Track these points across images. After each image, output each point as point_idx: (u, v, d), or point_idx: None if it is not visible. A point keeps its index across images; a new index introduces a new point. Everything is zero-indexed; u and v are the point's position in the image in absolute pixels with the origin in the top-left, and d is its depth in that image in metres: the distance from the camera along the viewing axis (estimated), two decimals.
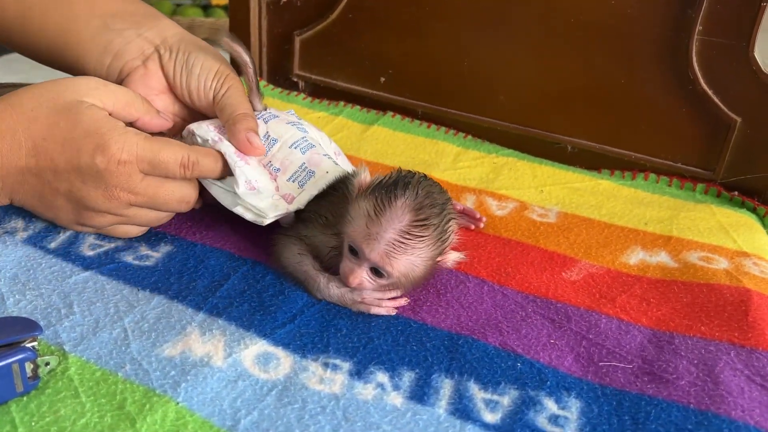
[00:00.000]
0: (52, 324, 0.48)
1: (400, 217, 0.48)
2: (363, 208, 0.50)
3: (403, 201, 0.48)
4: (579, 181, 0.77)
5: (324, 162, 0.58)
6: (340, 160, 0.65)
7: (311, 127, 0.64)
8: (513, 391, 0.45)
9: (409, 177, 0.50)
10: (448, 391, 0.45)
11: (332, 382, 0.45)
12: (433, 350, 0.49)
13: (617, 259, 0.63)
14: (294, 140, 0.59)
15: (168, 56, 0.60)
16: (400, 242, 0.48)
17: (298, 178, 0.57)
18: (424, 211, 0.48)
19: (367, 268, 0.51)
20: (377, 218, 0.49)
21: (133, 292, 0.52)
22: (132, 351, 0.46)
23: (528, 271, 0.60)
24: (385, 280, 0.51)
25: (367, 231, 0.49)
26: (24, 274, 0.53)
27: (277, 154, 0.58)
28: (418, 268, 0.50)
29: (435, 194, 0.50)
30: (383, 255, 0.49)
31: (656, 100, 0.76)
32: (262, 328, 0.49)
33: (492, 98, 0.84)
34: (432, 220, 0.49)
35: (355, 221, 0.50)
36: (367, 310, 0.52)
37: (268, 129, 0.60)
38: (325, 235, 0.55)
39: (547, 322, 0.53)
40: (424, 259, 0.50)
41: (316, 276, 0.54)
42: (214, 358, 0.46)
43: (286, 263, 0.55)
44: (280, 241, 0.56)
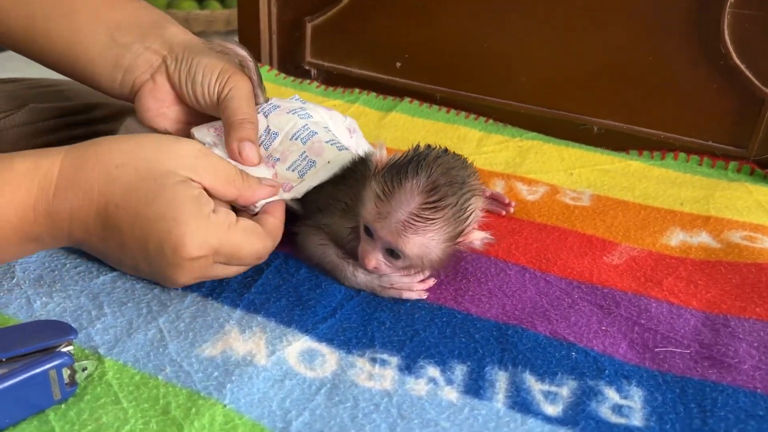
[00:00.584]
0: (83, 327, 0.45)
1: (408, 200, 0.46)
2: (373, 189, 0.48)
3: (412, 183, 0.46)
4: (608, 163, 0.75)
5: (326, 151, 0.55)
6: (355, 139, 0.63)
7: (318, 108, 0.61)
8: (571, 381, 0.44)
9: (424, 155, 0.48)
10: (503, 383, 0.43)
11: (382, 378, 0.43)
12: (483, 341, 0.47)
13: (658, 241, 0.61)
14: (295, 131, 0.57)
15: (174, 67, 0.59)
16: (411, 223, 0.46)
17: (299, 167, 0.55)
18: (437, 192, 0.46)
19: (382, 249, 0.49)
20: (386, 200, 0.47)
21: (164, 291, 0.50)
22: (170, 352, 0.44)
23: (568, 257, 0.58)
24: (402, 261, 0.49)
25: (377, 210, 0.47)
26: (49, 275, 0.50)
27: (278, 148, 0.57)
28: (433, 251, 0.48)
29: (454, 171, 0.47)
30: (394, 233, 0.47)
31: (684, 76, 0.74)
32: (303, 323, 0.47)
33: (513, 80, 0.82)
34: (447, 200, 0.46)
35: (366, 203, 0.48)
36: (398, 295, 0.50)
37: (269, 123, 0.58)
38: (346, 221, 0.53)
39: (595, 308, 0.51)
40: (438, 240, 0.47)
41: (342, 264, 0.52)
42: (257, 356, 0.44)
43: (310, 254, 0.54)
44: (302, 232, 0.55)
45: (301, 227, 0.55)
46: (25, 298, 0.48)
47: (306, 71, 0.95)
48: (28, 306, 0.47)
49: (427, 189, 0.46)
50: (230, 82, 0.58)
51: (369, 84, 0.90)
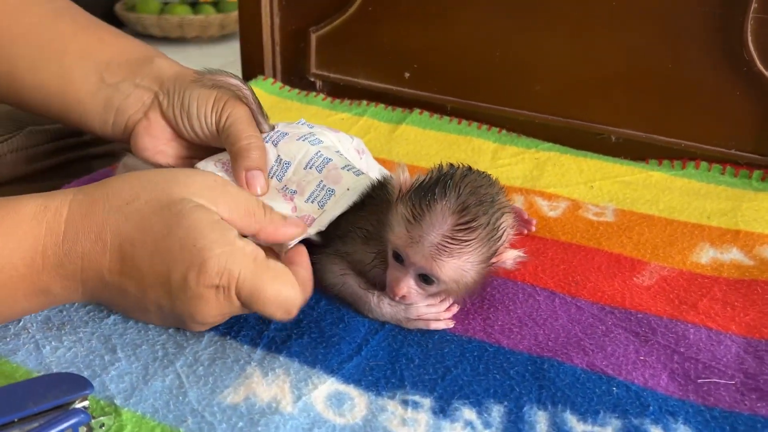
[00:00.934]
0: (97, 374, 0.43)
1: (441, 223, 0.44)
2: (401, 213, 0.46)
3: (443, 204, 0.44)
4: (629, 174, 0.73)
5: (344, 177, 0.53)
6: (365, 160, 0.61)
7: (325, 130, 0.59)
8: (614, 420, 0.41)
9: (449, 174, 0.46)
10: (544, 425, 0.41)
11: (416, 423, 0.41)
12: (518, 378, 0.44)
13: (687, 259, 0.58)
14: (308, 159, 0.55)
15: (166, 102, 0.57)
16: (445, 246, 0.44)
17: (317, 197, 0.53)
18: (468, 213, 0.44)
19: (414, 275, 0.47)
20: (417, 223, 0.44)
21: (179, 330, 0.47)
22: (191, 400, 0.41)
23: (597, 279, 0.55)
24: (435, 287, 0.47)
25: (408, 235, 0.45)
26: (57, 317, 0.48)
27: (293, 178, 0.54)
28: (469, 273, 0.46)
29: (482, 189, 0.45)
30: (428, 258, 0.45)
31: (706, 83, 0.72)
32: (328, 363, 0.45)
33: (527, 89, 0.80)
34: (479, 221, 0.44)
35: (395, 228, 0.46)
36: (426, 326, 0.48)
37: (279, 152, 0.55)
38: (368, 249, 0.50)
39: (631, 336, 0.49)
40: (474, 263, 0.45)
41: (365, 295, 0.49)
42: (283, 402, 0.41)
43: (330, 284, 0.51)
44: (320, 262, 0.52)
45: (320, 256, 0.52)
46: (33, 343, 0.45)
47: (311, 83, 0.93)
48: (37, 352, 0.44)
49: (458, 210, 0.44)
50: (227, 108, 0.55)
51: (377, 95, 0.88)
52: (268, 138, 0.57)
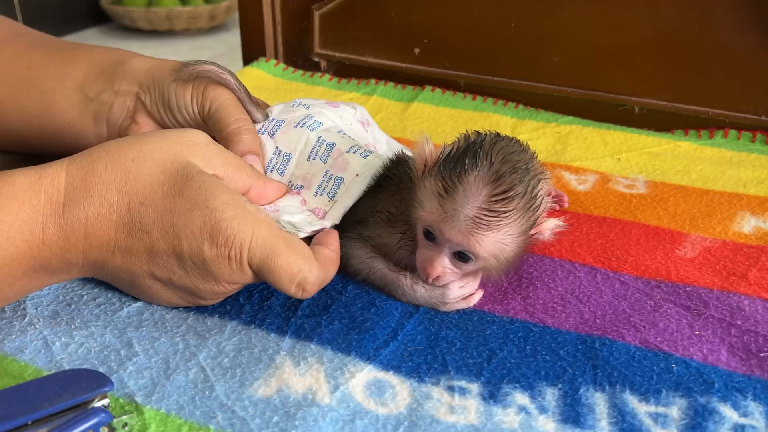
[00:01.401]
0: (113, 370, 0.39)
1: (475, 194, 0.40)
2: (431, 187, 0.42)
3: (476, 175, 0.40)
4: (656, 145, 0.69)
5: (351, 162, 0.49)
6: (371, 131, 0.57)
7: (324, 108, 0.54)
8: (679, 399, 0.38)
9: (479, 142, 0.42)
10: (603, 407, 0.38)
11: (465, 410, 0.37)
12: (569, 358, 0.41)
13: (729, 229, 0.55)
14: (310, 148, 0.50)
15: (149, 100, 0.55)
16: (482, 220, 0.40)
17: (326, 189, 0.49)
18: (503, 182, 0.40)
19: (448, 254, 0.43)
20: (450, 197, 0.41)
21: (199, 321, 0.44)
22: (219, 395, 0.38)
23: (638, 252, 0.52)
24: (473, 264, 0.43)
25: (441, 210, 0.41)
26: (65, 311, 0.44)
27: (296, 172, 0.50)
28: (509, 247, 0.42)
29: (515, 156, 0.42)
30: (465, 233, 0.41)
31: (734, 47, 0.68)
32: (364, 349, 0.41)
33: (545, 60, 0.76)
34: (516, 190, 0.40)
35: (425, 203, 0.42)
36: (466, 305, 0.45)
37: (277, 143, 0.51)
38: (393, 231, 0.47)
39: (682, 310, 0.46)
40: (514, 235, 0.42)
41: (397, 278, 0.46)
42: (319, 393, 0.38)
43: (357, 270, 0.48)
44: (342, 246, 0.48)
45: (342, 241, 0.49)
46: (41, 340, 0.41)
47: (315, 63, 0.89)
48: (47, 349, 0.41)
49: (492, 179, 0.40)
50: (207, 94, 0.52)
51: (386, 73, 0.84)
52: (264, 129, 0.52)
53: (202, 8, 2.30)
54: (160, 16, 2.25)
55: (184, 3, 2.34)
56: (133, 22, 2.27)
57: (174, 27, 2.29)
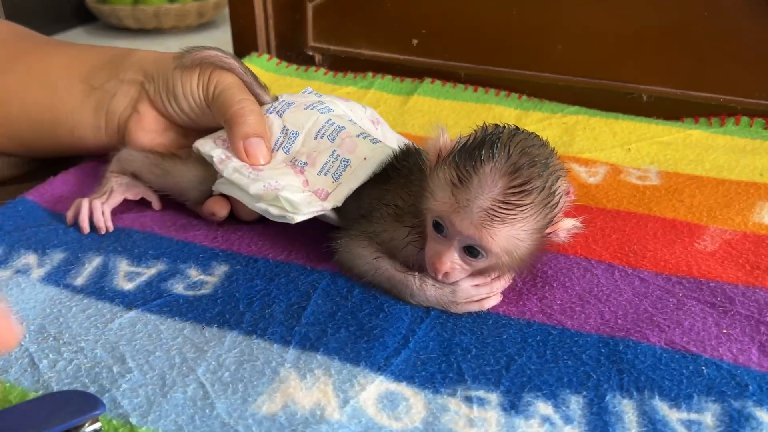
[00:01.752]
0: (106, 389, 0.37)
1: (491, 185, 0.38)
2: (444, 177, 0.40)
3: (492, 166, 0.38)
4: (666, 134, 0.67)
5: (360, 146, 0.47)
6: (381, 130, 0.55)
7: (336, 100, 0.54)
8: (712, 404, 0.36)
9: (497, 133, 0.40)
10: (632, 415, 0.35)
11: (485, 423, 0.35)
12: (593, 363, 0.39)
13: (748, 220, 0.53)
14: (318, 128, 0.49)
15: (153, 89, 0.54)
16: (496, 212, 0.38)
17: (331, 169, 0.47)
18: (521, 174, 0.38)
19: (458, 248, 0.41)
20: (464, 187, 0.39)
21: (196, 332, 0.41)
22: (220, 413, 0.35)
23: (656, 247, 0.50)
24: (483, 261, 0.41)
25: (453, 200, 0.39)
26: (53, 325, 0.41)
27: (302, 149, 0.48)
28: (523, 243, 0.40)
29: (534, 149, 0.39)
30: (477, 225, 0.39)
31: (744, 32, 0.66)
32: (373, 359, 0.39)
33: (548, 49, 0.74)
34: (534, 183, 0.38)
35: (437, 193, 0.40)
36: (479, 308, 0.43)
37: (285, 122, 0.50)
38: (401, 226, 0.44)
39: (707, 307, 0.43)
40: (529, 231, 0.39)
41: (405, 278, 0.44)
42: (328, 408, 0.35)
43: (362, 272, 0.45)
44: (345, 246, 0.46)
45: (344, 240, 0.46)
46: (27, 358, 0.39)
47: (309, 57, 0.86)
48: (33, 368, 0.38)
49: (509, 171, 0.38)
50: (213, 78, 0.51)
51: (383, 66, 0.81)
52: (272, 109, 0.51)
53: (190, 5, 2.26)
54: (147, 14, 2.21)
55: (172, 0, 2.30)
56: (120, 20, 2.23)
57: (162, 25, 2.25)
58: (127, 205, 0.54)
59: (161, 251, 0.49)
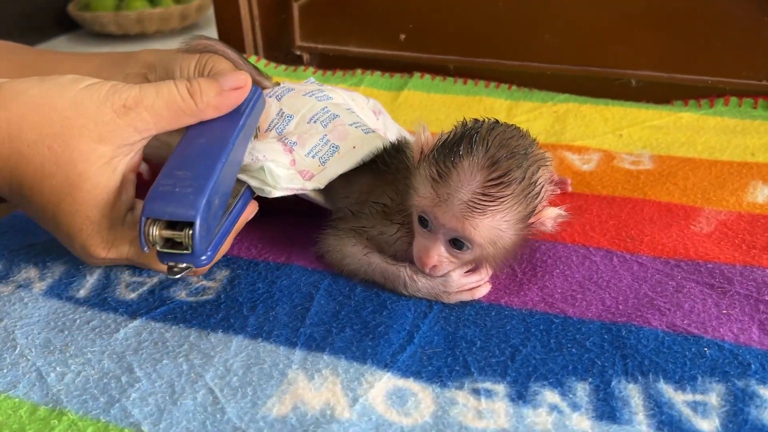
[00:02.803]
0: (115, 399, 0.37)
1: (470, 179, 0.39)
2: (425, 173, 0.41)
3: (470, 160, 0.39)
4: (657, 118, 0.67)
5: (351, 134, 0.48)
6: (382, 120, 0.56)
7: (337, 89, 0.54)
8: (716, 385, 0.36)
9: (476, 128, 0.41)
10: (638, 399, 0.36)
11: (494, 414, 0.35)
12: (596, 349, 0.39)
13: (743, 200, 0.54)
14: (313, 113, 0.49)
15: (154, 78, 0.53)
16: (476, 204, 0.39)
17: (319, 153, 0.47)
18: (499, 167, 0.39)
19: (443, 241, 0.41)
20: (444, 181, 0.39)
21: (202, 338, 0.41)
22: (231, 417, 0.35)
23: (653, 231, 0.50)
24: (469, 253, 0.41)
25: (435, 194, 0.40)
26: (58, 338, 0.41)
27: (294, 131, 0.49)
28: (505, 234, 0.40)
29: (513, 141, 0.40)
30: (459, 218, 0.39)
31: (733, 12, 0.66)
32: (380, 356, 0.39)
33: (536, 39, 0.74)
34: (513, 175, 0.39)
35: (420, 189, 0.41)
36: (470, 297, 0.44)
37: (282, 106, 0.50)
38: (390, 224, 0.45)
39: (705, 288, 0.44)
40: (510, 222, 0.40)
41: (397, 270, 0.44)
42: (338, 408, 0.36)
43: (353, 270, 0.46)
44: (334, 243, 0.47)
45: (329, 237, 0.47)
46: (35, 372, 0.39)
47: (297, 57, 0.86)
48: (41, 381, 0.38)
49: (488, 164, 0.39)
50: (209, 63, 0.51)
51: (372, 62, 0.81)
52: (272, 93, 0.52)
53: (173, 8, 2.25)
54: (130, 20, 2.19)
55: (154, 4, 2.28)
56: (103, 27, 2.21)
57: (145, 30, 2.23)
58: None
59: None
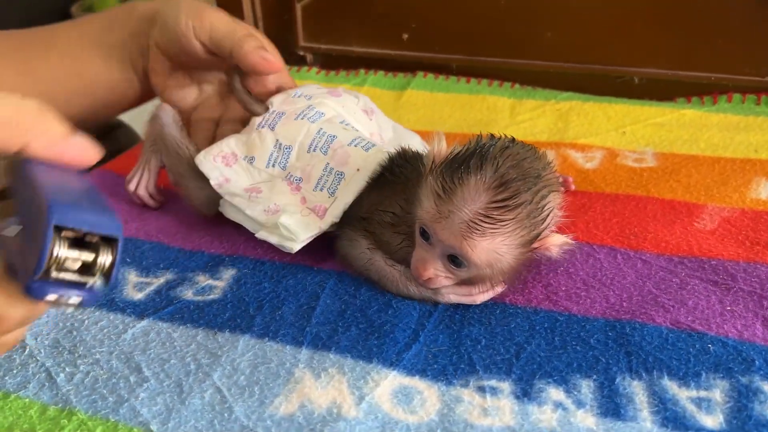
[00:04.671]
0: (124, 399, 0.37)
1: (474, 198, 0.38)
2: (431, 187, 0.40)
3: (477, 179, 0.38)
4: (660, 115, 0.68)
5: (352, 156, 0.47)
6: (375, 119, 0.55)
7: (325, 98, 0.53)
8: (720, 381, 0.37)
9: (489, 145, 0.40)
10: (643, 396, 0.36)
11: (499, 411, 0.36)
12: (601, 347, 0.39)
13: (746, 196, 0.54)
14: (310, 139, 0.49)
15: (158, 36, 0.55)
16: (477, 225, 0.38)
17: (326, 184, 0.47)
18: (507, 188, 0.38)
19: (441, 257, 0.41)
20: (447, 198, 0.39)
21: (209, 337, 0.42)
22: (239, 416, 0.36)
23: (656, 228, 0.51)
24: (466, 271, 0.41)
25: (436, 209, 0.39)
26: (66, 338, 0.42)
27: (296, 164, 0.49)
28: (504, 258, 0.40)
29: (526, 161, 0.40)
30: (457, 236, 0.39)
31: (734, 8, 0.67)
32: (385, 355, 0.39)
33: (538, 37, 0.74)
34: (520, 198, 0.38)
35: (424, 202, 0.41)
36: (457, 300, 0.44)
37: (277, 136, 0.50)
38: (396, 234, 0.45)
39: (709, 285, 0.44)
40: (511, 246, 0.39)
41: (392, 272, 0.45)
42: (344, 406, 0.36)
43: (355, 257, 0.46)
44: (345, 236, 0.47)
45: (345, 230, 0.47)
46: (44, 373, 0.39)
47: (301, 57, 0.86)
48: (51, 382, 0.38)
49: (494, 185, 0.38)
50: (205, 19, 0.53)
51: (375, 62, 0.82)
52: (264, 123, 0.51)
53: None
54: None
55: None
56: None
57: None
58: (130, 212, 0.55)
59: (169, 260, 0.49)
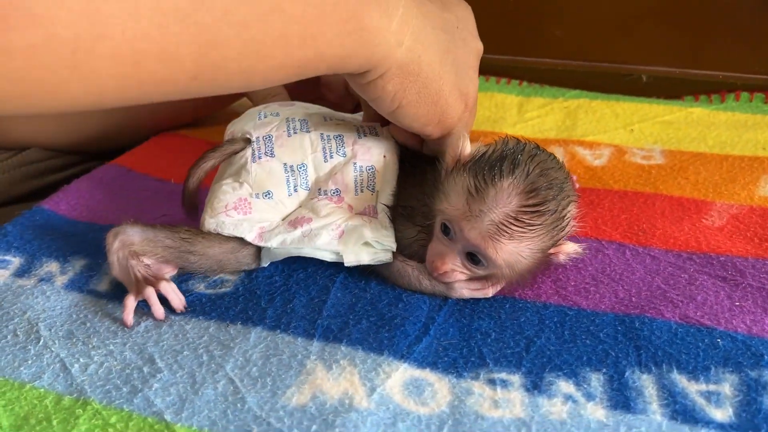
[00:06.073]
0: (138, 389, 0.37)
1: (506, 201, 0.39)
2: (463, 184, 0.41)
3: (510, 182, 0.39)
4: (668, 113, 0.68)
5: (372, 146, 0.47)
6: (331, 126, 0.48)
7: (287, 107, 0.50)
8: (729, 375, 0.37)
9: (518, 150, 0.41)
10: (652, 389, 0.36)
11: (509, 404, 0.36)
12: (610, 341, 0.40)
13: (754, 194, 0.54)
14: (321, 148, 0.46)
15: None
16: (506, 227, 0.39)
17: (363, 183, 0.46)
18: (537, 195, 0.39)
19: (461, 253, 0.42)
20: (480, 197, 0.40)
21: (221, 329, 0.42)
22: (251, 407, 0.36)
23: (665, 224, 0.51)
24: (483, 269, 0.42)
25: (467, 207, 0.40)
26: (80, 330, 0.42)
27: (321, 177, 0.46)
28: (525, 260, 0.41)
29: (552, 172, 0.40)
30: (485, 236, 0.39)
31: (743, 7, 0.67)
32: (396, 347, 0.40)
33: (547, 35, 0.74)
34: (548, 206, 0.39)
35: (452, 198, 0.41)
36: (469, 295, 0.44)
37: (282, 160, 0.46)
38: (411, 226, 0.45)
39: (718, 281, 0.44)
40: (533, 250, 0.40)
41: (403, 268, 0.45)
42: (356, 397, 0.36)
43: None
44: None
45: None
46: (59, 363, 0.40)
47: None
48: (65, 372, 0.39)
49: (527, 189, 0.39)
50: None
51: None
52: (260, 154, 0.46)
53: None
54: None
55: None
56: None
57: None
58: (139, 207, 0.55)
59: None
